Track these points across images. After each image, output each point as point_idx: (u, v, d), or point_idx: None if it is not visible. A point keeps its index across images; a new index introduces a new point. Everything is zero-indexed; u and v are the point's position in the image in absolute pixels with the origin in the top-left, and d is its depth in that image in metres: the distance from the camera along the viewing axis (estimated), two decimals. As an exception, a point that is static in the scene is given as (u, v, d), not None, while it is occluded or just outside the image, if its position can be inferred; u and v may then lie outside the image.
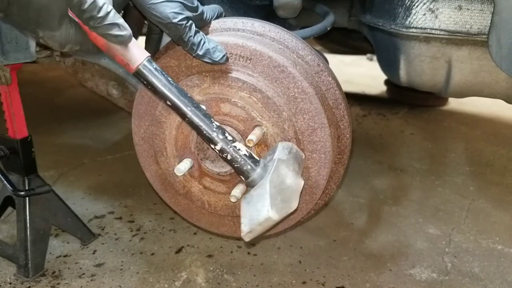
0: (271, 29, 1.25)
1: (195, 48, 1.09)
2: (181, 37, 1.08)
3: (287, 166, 1.03)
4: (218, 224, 1.36)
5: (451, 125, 3.26)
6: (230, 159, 1.06)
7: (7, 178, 1.61)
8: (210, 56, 1.10)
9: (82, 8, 0.87)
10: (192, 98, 1.07)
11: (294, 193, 1.03)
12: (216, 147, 1.06)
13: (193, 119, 1.05)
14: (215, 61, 1.11)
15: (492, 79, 1.46)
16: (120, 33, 0.94)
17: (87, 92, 1.84)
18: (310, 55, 1.25)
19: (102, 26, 0.91)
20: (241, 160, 1.06)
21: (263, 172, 1.04)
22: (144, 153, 1.35)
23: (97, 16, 0.89)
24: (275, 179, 1.00)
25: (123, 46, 0.99)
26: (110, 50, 0.99)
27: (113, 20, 0.92)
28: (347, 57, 4.90)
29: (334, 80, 1.27)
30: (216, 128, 1.06)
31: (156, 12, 1.04)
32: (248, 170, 1.06)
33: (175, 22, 1.05)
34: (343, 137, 1.30)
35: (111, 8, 0.92)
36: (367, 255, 1.79)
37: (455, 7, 1.38)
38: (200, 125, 1.05)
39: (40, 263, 1.66)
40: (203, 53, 1.10)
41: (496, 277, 1.68)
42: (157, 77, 1.03)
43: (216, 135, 1.06)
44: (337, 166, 1.34)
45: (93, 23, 0.91)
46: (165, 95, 1.04)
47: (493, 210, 2.14)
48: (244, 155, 1.06)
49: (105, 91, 1.79)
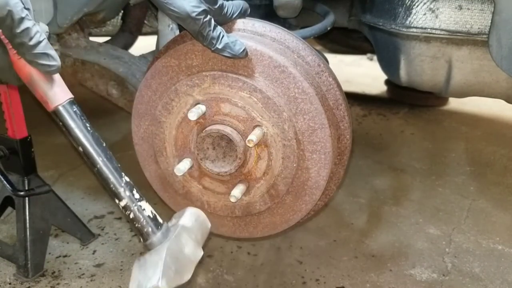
0: (272, 29, 1.25)
1: (214, 42, 1.07)
2: (200, 32, 1.05)
3: (190, 235, 1.02)
4: (218, 225, 1.36)
5: (451, 125, 3.26)
6: (132, 217, 1.02)
7: (7, 178, 1.61)
8: (230, 49, 1.08)
9: (13, 31, 0.85)
10: (107, 149, 1.02)
11: (190, 264, 1.00)
12: (120, 203, 1.01)
13: (103, 170, 1.00)
14: (236, 54, 1.09)
15: (493, 79, 1.46)
16: (49, 63, 0.91)
17: (87, 92, 1.83)
18: (310, 55, 1.25)
19: (31, 53, 0.89)
20: (143, 221, 1.01)
21: (163, 237, 1.01)
22: (144, 153, 1.35)
23: (28, 44, 0.87)
24: (173, 247, 0.97)
25: (48, 80, 0.95)
26: (33, 84, 0.95)
27: (44, 50, 0.89)
28: (347, 57, 4.89)
29: (334, 80, 1.27)
30: (125, 183, 1.01)
31: (173, 7, 1.02)
32: (148, 232, 1.01)
33: (194, 16, 1.03)
34: (343, 138, 1.30)
35: (44, 38, 0.89)
36: (367, 255, 1.79)
37: (456, 7, 1.38)
38: (108, 178, 1.00)
39: (40, 263, 1.66)
40: (222, 47, 1.08)
41: (496, 277, 1.68)
42: (75, 121, 0.98)
43: (123, 190, 1.01)
44: (337, 167, 1.33)
45: (23, 49, 0.88)
46: (79, 141, 0.99)
47: (493, 210, 2.14)
48: (148, 216, 1.02)
49: (104, 91, 1.79)
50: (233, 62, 1.14)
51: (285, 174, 1.19)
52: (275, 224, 1.31)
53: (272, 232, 1.33)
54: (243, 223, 1.34)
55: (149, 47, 1.93)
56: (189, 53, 1.18)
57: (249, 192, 1.24)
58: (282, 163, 1.18)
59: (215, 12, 1.11)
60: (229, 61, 1.15)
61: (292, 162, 1.17)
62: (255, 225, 1.33)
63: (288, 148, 1.16)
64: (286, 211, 1.27)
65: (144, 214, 1.03)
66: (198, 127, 1.21)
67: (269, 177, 1.21)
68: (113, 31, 2.38)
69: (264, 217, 1.30)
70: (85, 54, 1.65)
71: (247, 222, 1.33)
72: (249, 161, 1.20)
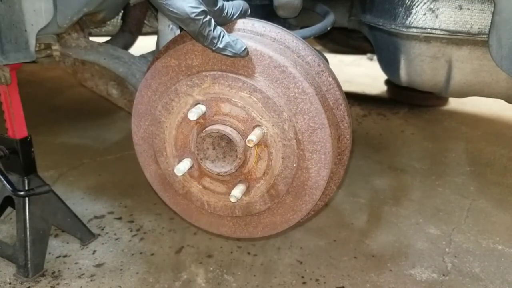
0: (272, 29, 1.25)
1: (215, 42, 1.07)
2: (200, 32, 1.06)
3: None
4: (218, 225, 1.36)
5: (451, 125, 3.26)
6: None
7: (7, 178, 1.61)
8: (232, 48, 1.08)
9: None
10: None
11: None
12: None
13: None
14: (237, 53, 1.09)
15: (493, 79, 1.46)
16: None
17: (87, 92, 1.84)
18: (310, 55, 1.25)
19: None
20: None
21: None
22: (144, 153, 1.35)
23: None
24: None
25: None
26: None
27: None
28: (347, 57, 4.89)
29: (334, 80, 1.26)
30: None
31: (173, 8, 1.02)
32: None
33: (193, 17, 1.03)
34: (343, 138, 1.30)
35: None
36: (367, 255, 1.79)
37: (456, 7, 1.38)
38: None
39: (40, 263, 1.66)
40: (224, 46, 1.08)
41: (496, 277, 1.68)
42: None
43: None
44: (337, 167, 1.33)
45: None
46: None
47: (493, 210, 2.14)
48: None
49: (104, 91, 1.79)
50: (233, 62, 1.14)
51: (285, 174, 1.19)
52: (275, 224, 1.31)
53: (272, 232, 1.33)
54: (243, 223, 1.34)
55: (149, 47, 1.93)
56: (189, 53, 1.18)
57: (249, 192, 1.24)
58: (282, 163, 1.18)
59: (215, 13, 1.11)
60: (229, 61, 1.15)
61: (292, 162, 1.17)
62: (255, 225, 1.33)
63: (288, 148, 1.16)
64: (286, 211, 1.27)
65: None
66: (198, 127, 1.21)
67: (269, 177, 1.21)
68: (113, 31, 2.38)
69: (264, 217, 1.30)
70: (85, 54, 1.65)
71: (247, 222, 1.33)
72: (249, 161, 1.20)
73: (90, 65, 1.75)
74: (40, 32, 1.34)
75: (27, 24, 1.30)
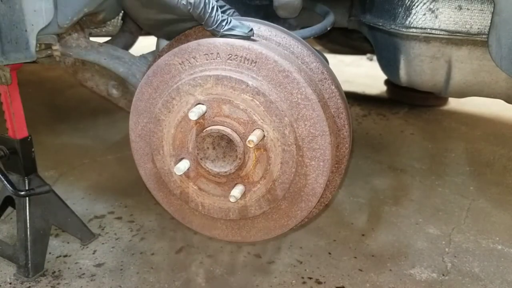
0: (277, 33, 1.25)
1: (223, 24, 1.12)
2: (210, 15, 1.11)
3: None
4: (211, 227, 1.35)
5: (451, 125, 3.26)
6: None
7: (7, 178, 1.61)
8: (240, 28, 1.12)
9: None
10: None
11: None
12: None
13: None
14: (246, 33, 1.13)
15: (492, 79, 1.46)
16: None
17: (87, 92, 1.84)
18: (315, 62, 1.25)
19: None
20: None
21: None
22: (140, 151, 1.34)
23: None
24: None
25: None
26: None
27: None
28: (347, 57, 4.89)
29: (337, 88, 1.26)
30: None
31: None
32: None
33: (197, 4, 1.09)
34: (342, 146, 1.30)
35: None
36: (367, 255, 1.79)
37: (455, 7, 1.38)
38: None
39: (40, 263, 1.66)
40: (231, 26, 1.12)
41: (496, 277, 1.68)
42: None
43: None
44: (334, 175, 1.33)
45: None
46: None
47: (493, 210, 2.14)
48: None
49: (105, 91, 1.79)
50: (238, 64, 1.14)
51: (283, 179, 1.18)
52: (269, 229, 1.30)
53: (265, 237, 1.32)
54: (237, 226, 1.33)
55: (149, 47, 1.93)
56: (193, 52, 1.18)
57: (245, 196, 1.23)
58: (281, 168, 1.17)
59: None
60: (233, 63, 1.14)
61: (290, 167, 1.16)
62: (249, 229, 1.32)
63: (288, 153, 1.15)
64: (281, 216, 1.26)
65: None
66: (198, 127, 1.21)
67: (266, 181, 1.20)
68: (113, 31, 2.38)
69: (258, 221, 1.29)
70: (86, 54, 1.65)
71: (240, 226, 1.32)
72: (247, 164, 1.19)
73: (91, 65, 1.75)
74: (40, 32, 1.34)
75: (28, 24, 1.31)
